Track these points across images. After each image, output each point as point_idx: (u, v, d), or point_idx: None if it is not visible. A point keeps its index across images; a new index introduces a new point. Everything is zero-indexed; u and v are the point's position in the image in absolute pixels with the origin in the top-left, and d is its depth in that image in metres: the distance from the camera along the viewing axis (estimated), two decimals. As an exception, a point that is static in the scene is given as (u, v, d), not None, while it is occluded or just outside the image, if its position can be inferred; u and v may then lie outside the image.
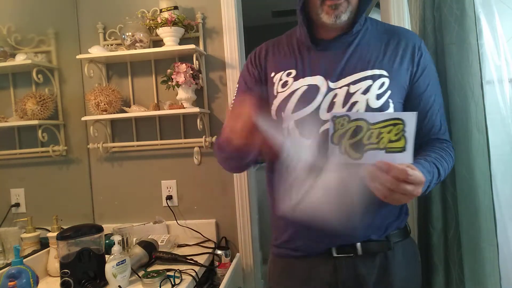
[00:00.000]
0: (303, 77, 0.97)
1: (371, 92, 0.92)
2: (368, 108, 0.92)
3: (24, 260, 1.22)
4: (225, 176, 1.76)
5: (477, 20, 1.16)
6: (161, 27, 1.62)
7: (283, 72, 1.01)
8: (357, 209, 0.92)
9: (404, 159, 0.76)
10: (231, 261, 1.62)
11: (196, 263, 1.44)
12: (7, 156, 1.49)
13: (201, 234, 1.74)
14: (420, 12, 1.27)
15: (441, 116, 1.02)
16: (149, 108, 1.71)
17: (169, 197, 1.79)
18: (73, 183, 1.77)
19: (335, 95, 0.94)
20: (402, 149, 0.76)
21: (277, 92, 1.00)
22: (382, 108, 0.93)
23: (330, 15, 0.92)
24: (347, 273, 0.97)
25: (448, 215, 1.20)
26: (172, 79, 1.61)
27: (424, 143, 1.00)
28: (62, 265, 1.25)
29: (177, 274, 1.30)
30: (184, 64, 1.60)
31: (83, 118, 1.70)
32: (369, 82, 0.93)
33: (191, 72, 1.62)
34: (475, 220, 1.12)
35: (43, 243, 1.45)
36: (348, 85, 0.94)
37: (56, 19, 1.74)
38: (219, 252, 1.61)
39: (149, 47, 1.71)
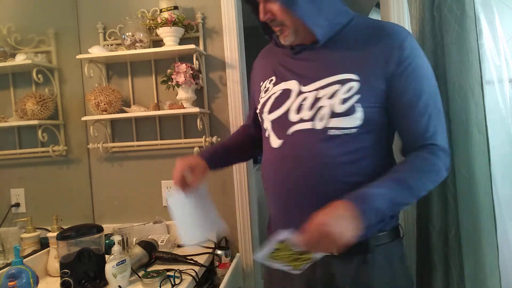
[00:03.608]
0: (280, 82, 1.03)
1: (337, 97, 0.92)
2: (333, 113, 0.92)
3: (24, 260, 1.22)
4: (225, 176, 1.76)
5: (477, 20, 1.16)
6: (161, 27, 1.62)
7: (267, 79, 1.08)
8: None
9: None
10: (231, 261, 1.62)
11: (196, 263, 1.44)
12: (7, 156, 1.49)
13: (201, 234, 1.74)
14: (420, 12, 1.27)
15: (430, 118, 0.94)
16: (149, 108, 1.71)
17: (169, 197, 1.79)
18: (73, 183, 1.77)
19: (304, 99, 0.96)
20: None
21: (261, 98, 1.07)
22: (347, 113, 0.92)
23: (281, 38, 1.00)
24: (323, 271, 0.97)
25: (449, 214, 1.20)
26: (172, 79, 1.61)
27: (411, 151, 0.96)
28: (62, 265, 1.25)
29: (177, 274, 1.30)
30: (184, 64, 1.60)
31: (83, 118, 1.70)
32: (336, 87, 0.93)
33: (191, 72, 1.62)
34: (476, 221, 1.13)
35: (43, 243, 1.45)
36: (317, 89, 0.95)
37: (56, 19, 1.74)
38: (219, 252, 1.61)
39: (149, 47, 1.71)
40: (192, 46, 1.61)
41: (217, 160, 1.18)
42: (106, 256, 1.32)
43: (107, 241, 1.45)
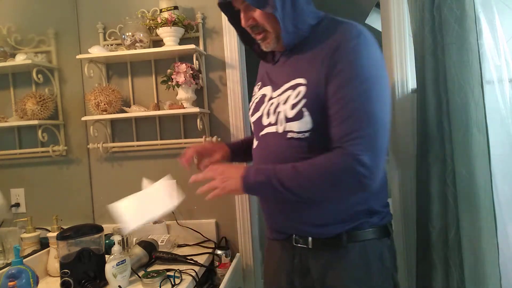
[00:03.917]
0: (262, 87, 1.11)
1: (288, 102, 0.97)
2: (287, 118, 0.97)
3: (24, 260, 1.22)
4: (225, 176, 1.76)
5: (477, 20, 1.16)
6: (161, 27, 1.62)
7: (257, 85, 1.17)
8: (288, 205, 1.01)
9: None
10: (231, 261, 1.62)
11: (196, 263, 1.44)
12: (7, 156, 1.49)
13: (201, 234, 1.74)
14: (420, 12, 1.27)
15: (346, 121, 0.89)
16: (149, 108, 1.71)
17: (169, 197, 1.79)
18: (73, 183, 1.77)
19: (271, 104, 1.03)
20: None
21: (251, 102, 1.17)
22: (297, 117, 0.95)
23: (263, 45, 1.05)
24: (300, 262, 1.04)
25: (448, 214, 1.20)
26: (172, 79, 1.61)
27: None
28: (62, 265, 1.25)
29: (177, 274, 1.30)
30: (184, 64, 1.60)
31: (83, 118, 1.70)
32: (289, 92, 0.98)
33: (191, 72, 1.62)
34: (476, 221, 1.13)
35: (43, 243, 1.45)
36: (279, 95, 1.01)
37: (56, 19, 1.74)
38: (219, 252, 1.61)
39: (149, 47, 1.71)
40: (192, 46, 1.61)
41: (236, 152, 1.29)
42: (106, 256, 1.32)
43: (107, 241, 1.45)
